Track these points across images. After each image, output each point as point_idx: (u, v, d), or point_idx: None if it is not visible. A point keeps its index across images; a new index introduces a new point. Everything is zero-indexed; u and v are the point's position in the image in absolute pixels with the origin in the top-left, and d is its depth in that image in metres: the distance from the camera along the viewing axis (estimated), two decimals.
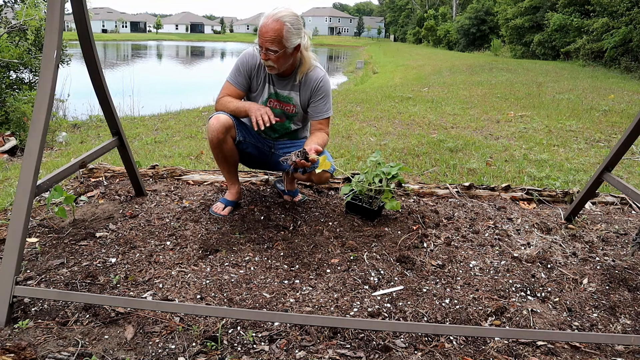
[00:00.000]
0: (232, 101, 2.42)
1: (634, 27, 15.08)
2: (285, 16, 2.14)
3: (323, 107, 2.44)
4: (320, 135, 2.44)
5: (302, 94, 2.42)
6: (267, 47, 2.16)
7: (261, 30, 2.14)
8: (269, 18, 2.13)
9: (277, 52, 2.16)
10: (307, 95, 2.42)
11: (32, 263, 2.05)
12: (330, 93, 2.45)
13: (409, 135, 5.11)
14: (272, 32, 2.12)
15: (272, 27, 2.12)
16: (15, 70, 7.06)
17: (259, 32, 2.15)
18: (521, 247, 2.39)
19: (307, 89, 2.40)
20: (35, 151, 1.69)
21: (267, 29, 2.12)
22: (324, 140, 2.42)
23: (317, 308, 1.82)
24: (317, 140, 2.37)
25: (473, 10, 34.40)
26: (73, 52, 8.35)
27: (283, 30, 2.12)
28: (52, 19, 1.68)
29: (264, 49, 2.19)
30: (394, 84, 12.82)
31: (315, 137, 2.42)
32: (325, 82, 2.41)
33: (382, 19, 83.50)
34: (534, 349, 1.65)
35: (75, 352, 1.52)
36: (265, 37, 2.13)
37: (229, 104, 2.41)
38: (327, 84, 2.42)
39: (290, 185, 2.83)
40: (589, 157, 4.34)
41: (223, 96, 2.44)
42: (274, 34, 2.12)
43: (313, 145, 2.27)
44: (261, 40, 2.15)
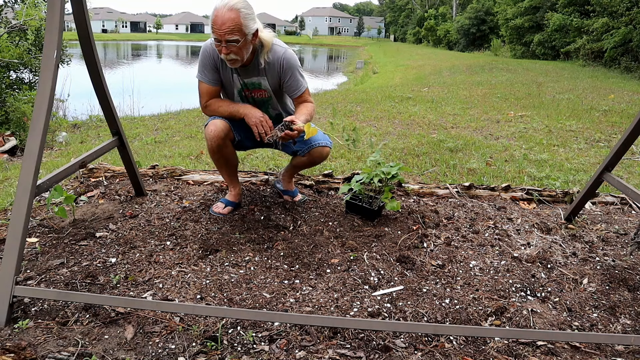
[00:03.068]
0: (222, 105, 2.40)
1: (633, 27, 15.08)
2: (237, 3, 2.06)
3: (295, 83, 2.36)
4: (303, 107, 2.40)
5: (270, 76, 2.35)
6: (228, 39, 2.07)
7: (216, 23, 2.04)
8: (221, 9, 2.04)
9: (239, 41, 2.08)
10: (276, 77, 2.35)
11: (32, 263, 2.05)
12: (297, 66, 2.34)
13: (409, 135, 5.11)
14: (230, 22, 2.03)
15: (228, 17, 2.03)
16: (15, 70, 7.06)
17: (215, 26, 2.06)
18: (521, 247, 2.39)
19: (273, 70, 2.32)
20: (35, 151, 1.69)
21: (224, 20, 2.03)
22: (308, 110, 2.38)
23: (317, 308, 1.82)
24: (301, 111, 2.35)
25: (473, 10, 34.41)
26: (73, 52, 8.35)
27: (240, 18, 2.04)
28: (52, 19, 1.68)
29: (224, 42, 2.09)
30: (394, 84, 12.82)
31: (299, 110, 2.38)
32: (287, 58, 2.31)
33: (382, 19, 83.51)
34: (534, 349, 1.65)
35: (75, 352, 1.52)
36: (223, 29, 2.04)
37: (220, 109, 2.39)
38: (291, 59, 2.32)
39: (288, 184, 2.82)
40: (589, 157, 4.34)
41: (207, 100, 2.41)
42: (232, 24, 2.03)
43: (294, 116, 2.22)
44: (219, 34, 2.06)
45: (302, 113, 2.33)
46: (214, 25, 2.06)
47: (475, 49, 33.59)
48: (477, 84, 11.06)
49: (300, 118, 2.24)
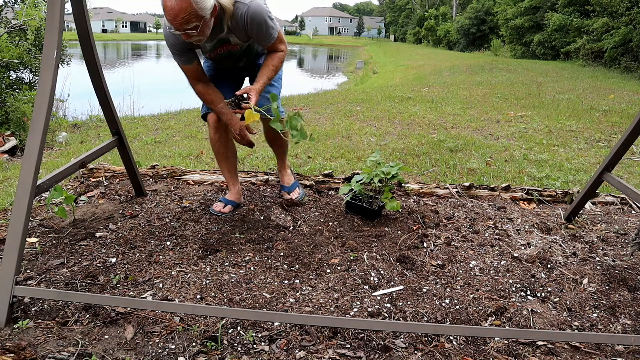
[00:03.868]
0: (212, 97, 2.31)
1: (633, 27, 15.08)
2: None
3: (262, 36, 2.20)
4: (267, 64, 2.27)
5: (237, 34, 2.20)
6: (185, 29, 1.92)
7: (169, 16, 1.88)
8: (170, 0, 1.85)
9: (198, 25, 1.93)
10: (243, 33, 2.19)
11: (32, 263, 2.05)
12: (264, 18, 2.14)
13: (409, 135, 5.11)
14: (183, 13, 1.86)
15: (179, 7, 1.84)
16: (15, 70, 7.06)
17: (168, 19, 1.90)
18: (521, 247, 2.39)
19: (239, 29, 2.16)
20: (35, 151, 1.69)
21: (175, 12, 1.85)
22: (272, 66, 2.27)
23: (317, 308, 1.82)
24: (262, 72, 2.24)
25: (473, 10, 34.40)
26: (73, 52, 8.35)
27: (193, 5, 1.86)
28: (52, 19, 1.68)
29: (182, 32, 1.95)
30: (394, 84, 12.82)
31: (262, 70, 2.26)
32: (251, 14, 2.10)
33: (382, 19, 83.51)
34: (534, 349, 1.65)
35: (75, 352, 1.52)
36: (177, 21, 1.88)
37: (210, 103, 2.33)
38: (255, 14, 2.11)
39: (282, 176, 2.82)
40: (589, 157, 4.34)
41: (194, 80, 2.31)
42: (186, 14, 1.86)
43: (249, 88, 2.12)
44: (175, 26, 1.91)
45: (262, 76, 2.22)
46: (167, 17, 1.90)
47: (475, 49, 33.59)
48: (477, 84, 11.06)
49: (256, 86, 2.15)
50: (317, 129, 5.26)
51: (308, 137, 2.03)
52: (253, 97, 2.07)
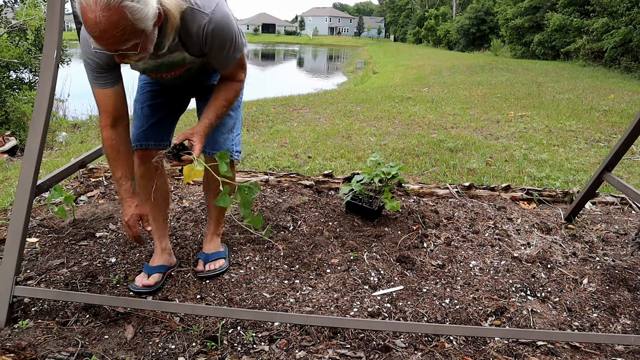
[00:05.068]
0: (119, 160, 1.70)
1: (634, 27, 15.07)
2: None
3: (223, 58, 1.63)
4: (222, 92, 1.71)
5: (190, 47, 1.57)
6: (120, 50, 1.34)
7: (93, 33, 1.28)
8: (94, 11, 1.23)
9: (138, 43, 1.35)
10: (197, 49, 1.58)
11: (32, 263, 2.05)
12: (231, 34, 1.56)
13: (409, 135, 5.11)
14: (114, 29, 1.26)
15: (107, 21, 1.24)
16: (15, 70, 7.06)
17: (94, 37, 1.30)
18: (521, 247, 2.39)
19: (192, 43, 1.55)
20: (35, 151, 1.69)
21: (103, 27, 1.25)
22: (228, 97, 1.71)
23: (317, 308, 1.82)
24: (214, 106, 1.68)
25: (473, 10, 34.39)
26: (73, 52, 8.34)
27: (128, 17, 1.26)
28: (52, 19, 1.68)
29: (115, 53, 1.37)
30: (394, 84, 12.81)
31: (214, 100, 1.69)
32: (215, 28, 1.50)
33: (382, 19, 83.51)
34: (534, 349, 1.65)
35: (75, 352, 1.52)
36: (107, 40, 1.29)
37: (113, 164, 1.71)
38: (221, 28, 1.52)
39: (209, 244, 2.08)
40: (589, 157, 4.34)
41: (108, 127, 1.67)
42: (118, 30, 1.27)
43: (190, 132, 1.58)
44: (105, 46, 1.32)
45: (210, 112, 1.66)
46: (91, 35, 1.30)
47: (475, 49, 33.58)
48: (477, 84, 11.05)
49: (201, 128, 1.61)
50: (317, 129, 5.26)
51: (258, 226, 1.51)
52: (197, 145, 1.55)
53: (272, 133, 5.05)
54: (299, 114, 6.45)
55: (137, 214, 1.71)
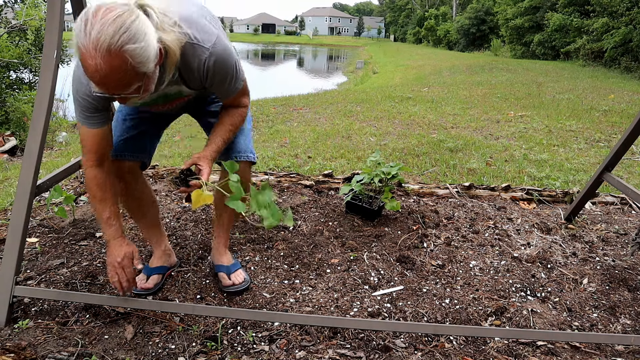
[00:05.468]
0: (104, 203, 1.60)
1: (634, 27, 15.08)
2: (117, 39, 1.17)
3: (225, 90, 1.59)
4: (227, 117, 1.66)
5: (190, 82, 1.53)
6: (122, 94, 1.28)
7: (94, 79, 1.22)
8: (94, 57, 1.17)
9: (141, 86, 1.29)
10: (198, 83, 1.53)
11: (32, 263, 2.05)
12: (232, 67, 1.52)
13: (409, 135, 5.10)
14: (117, 73, 1.20)
15: (109, 66, 1.18)
16: (15, 70, 7.05)
17: (93, 82, 1.24)
18: (521, 247, 2.39)
19: (193, 78, 1.50)
20: (35, 151, 1.69)
21: (104, 73, 1.19)
22: (234, 122, 1.67)
23: (317, 308, 1.82)
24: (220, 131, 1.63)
25: (473, 10, 34.40)
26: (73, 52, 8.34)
27: (129, 61, 1.20)
28: (52, 19, 1.68)
29: (117, 96, 1.32)
30: (394, 84, 12.81)
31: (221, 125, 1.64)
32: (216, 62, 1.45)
33: (382, 19, 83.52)
34: (534, 349, 1.65)
35: (75, 352, 1.52)
36: (109, 85, 1.23)
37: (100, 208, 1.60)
38: (222, 62, 1.47)
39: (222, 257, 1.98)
40: (589, 157, 4.34)
41: (94, 166, 1.57)
42: (120, 74, 1.21)
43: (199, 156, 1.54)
44: (106, 91, 1.26)
45: (216, 137, 1.61)
46: (91, 78, 1.23)
47: (475, 49, 33.58)
48: (477, 84, 11.05)
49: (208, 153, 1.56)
50: (317, 129, 5.26)
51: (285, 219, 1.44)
52: (205, 170, 1.49)
53: (272, 133, 5.05)
54: (299, 114, 6.45)
55: (130, 251, 1.61)
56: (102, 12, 1.17)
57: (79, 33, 1.18)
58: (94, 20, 1.16)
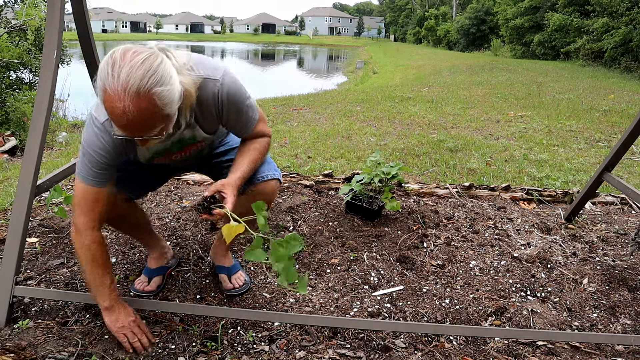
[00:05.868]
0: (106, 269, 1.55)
1: (634, 27, 15.08)
2: (146, 81, 1.18)
3: (244, 122, 1.56)
4: (251, 143, 1.63)
5: (205, 123, 1.52)
6: (145, 136, 1.28)
7: (120, 122, 1.21)
8: (123, 100, 1.17)
9: (165, 127, 1.30)
10: (214, 120, 1.52)
11: (32, 263, 2.05)
12: (242, 97, 1.51)
13: (409, 135, 5.10)
14: (143, 117, 1.20)
15: (137, 108, 1.18)
16: (15, 70, 7.05)
17: (118, 125, 1.24)
18: (521, 247, 2.39)
19: (208, 115, 1.49)
20: (35, 151, 1.69)
21: (131, 117, 1.19)
22: (258, 147, 1.63)
23: (317, 308, 1.83)
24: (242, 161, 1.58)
25: (473, 10, 34.41)
26: (73, 52, 8.34)
27: (157, 102, 1.21)
28: (52, 19, 1.68)
29: (139, 138, 1.30)
30: (394, 84, 12.81)
31: (240, 158, 1.59)
32: (228, 92, 1.45)
33: (382, 19, 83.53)
34: (534, 349, 1.65)
35: (75, 352, 1.52)
36: (134, 128, 1.23)
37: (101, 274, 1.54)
38: (234, 91, 1.47)
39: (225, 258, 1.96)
40: (589, 157, 4.34)
41: (90, 230, 1.50)
42: (147, 115, 1.21)
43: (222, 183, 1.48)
44: (130, 133, 1.26)
45: (243, 162, 1.57)
46: (116, 122, 1.23)
47: (475, 49, 33.59)
48: (477, 84, 11.05)
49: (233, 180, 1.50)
50: (317, 129, 5.26)
51: (299, 285, 1.37)
52: (229, 198, 1.43)
53: (272, 133, 5.04)
54: (299, 114, 6.45)
55: (138, 320, 1.60)
56: (129, 55, 1.19)
57: (105, 76, 1.17)
58: (122, 63, 1.17)
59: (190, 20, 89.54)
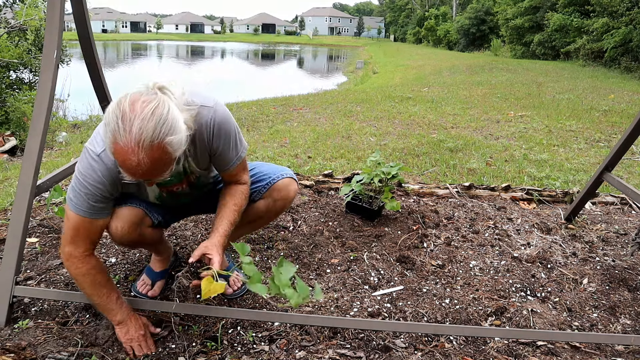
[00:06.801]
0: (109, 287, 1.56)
1: (634, 27, 15.08)
2: (158, 133, 1.19)
3: (229, 154, 1.55)
4: (230, 197, 1.61)
5: (199, 155, 1.52)
6: (155, 179, 1.31)
7: (135, 174, 1.24)
8: (137, 154, 1.18)
9: (172, 167, 1.30)
10: (205, 153, 1.52)
11: (32, 263, 2.05)
12: (233, 127, 1.52)
13: (409, 135, 5.10)
14: (156, 165, 1.23)
15: (151, 159, 1.20)
16: (15, 70, 7.06)
17: (129, 173, 1.25)
18: (521, 247, 2.39)
19: (202, 145, 1.48)
20: (35, 151, 1.69)
21: (146, 168, 1.21)
22: (237, 202, 1.61)
23: (317, 308, 1.82)
24: (225, 214, 1.58)
25: (473, 10, 34.41)
26: (73, 52, 8.35)
27: (169, 150, 1.23)
28: (52, 19, 1.68)
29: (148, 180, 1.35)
30: (394, 84, 12.81)
31: (224, 207, 1.59)
32: (220, 120, 1.46)
33: (382, 19, 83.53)
34: (534, 349, 1.65)
35: (75, 352, 1.52)
36: (146, 175, 1.26)
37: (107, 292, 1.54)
38: (225, 120, 1.48)
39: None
40: (589, 157, 4.34)
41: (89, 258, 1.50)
42: (160, 165, 1.24)
43: (206, 245, 1.48)
44: (140, 178, 1.28)
45: (222, 221, 1.56)
46: (129, 173, 1.25)
47: (475, 49, 33.58)
48: (477, 84, 11.05)
49: (216, 240, 1.50)
50: (317, 129, 5.26)
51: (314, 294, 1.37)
52: (215, 258, 1.43)
53: (272, 133, 5.05)
54: (299, 114, 6.45)
55: (146, 322, 1.61)
56: (139, 106, 1.18)
57: (116, 129, 1.17)
58: (132, 115, 1.17)
59: (190, 20, 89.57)
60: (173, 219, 1.85)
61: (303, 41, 68.25)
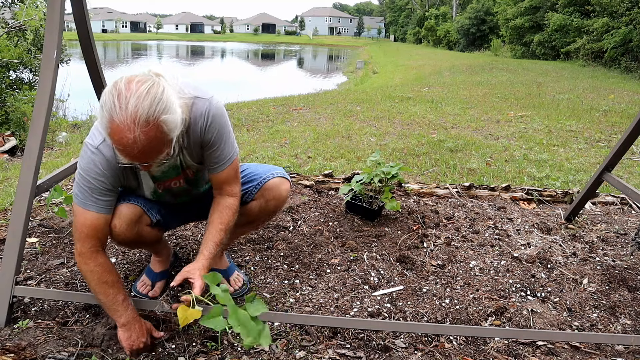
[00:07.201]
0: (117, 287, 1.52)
1: (634, 27, 15.08)
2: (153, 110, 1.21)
3: (220, 151, 1.53)
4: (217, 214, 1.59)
5: (192, 148, 1.51)
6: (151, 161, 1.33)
7: (131, 152, 1.24)
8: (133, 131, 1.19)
9: (170, 152, 1.33)
10: (198, 143, 1.50)
11: (32, 263, 2.05)
12: (226, 123, 1.53)
13: (409, 135, 5.10)
14: (152, 144, 1.24)
15: (146, 137, 1.22)
16: (15, 70, 7.06)
17: (125, 152, 1.25)
18: (521, 247, 2.39)
19: (196, 137, 1.48)
20: (35, 151, 1.69)
21: (141, 145, 1.22)
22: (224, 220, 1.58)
23: (317, 308, 1.82)
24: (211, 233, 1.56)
25: (473, 10, 34.40)
26: (73, 52, 8.35)
27: (164, 129, 1.25)
28: (52, 19, 1.68)
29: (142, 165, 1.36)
30: (394, 84, 12.81)
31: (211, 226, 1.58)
32: (214, 111, 1.46)
33: (382, 19, 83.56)
34: (534, 349, 1.65)
35: (75, 352, 1.52)
36: (141, 155, 1.26)
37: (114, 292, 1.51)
38: (218, 115, 1.48)
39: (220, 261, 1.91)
40: (589, 157, 4.34)
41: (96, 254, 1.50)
42: (156, 144, 1.26)
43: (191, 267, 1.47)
44: (137, 160, 1.29)
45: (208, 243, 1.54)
46: (124, 151, 1.25)
47: (475, 49, 33.58)
48: (477, 84, 11.05)
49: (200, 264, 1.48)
50: (317, 129, 5.26)
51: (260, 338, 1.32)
52: (197, 282, 1.41)
53: (272, 133, 5.05)
54: (299, 114, 6.45)
55: (150, 327, 1.58)
56: (134, 85, 1.21)
57: (111, 107, 1.19)
58: (127, 94, 1.19)
59: (190, 20, 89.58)
60: (172, 221, 1.84)
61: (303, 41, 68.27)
